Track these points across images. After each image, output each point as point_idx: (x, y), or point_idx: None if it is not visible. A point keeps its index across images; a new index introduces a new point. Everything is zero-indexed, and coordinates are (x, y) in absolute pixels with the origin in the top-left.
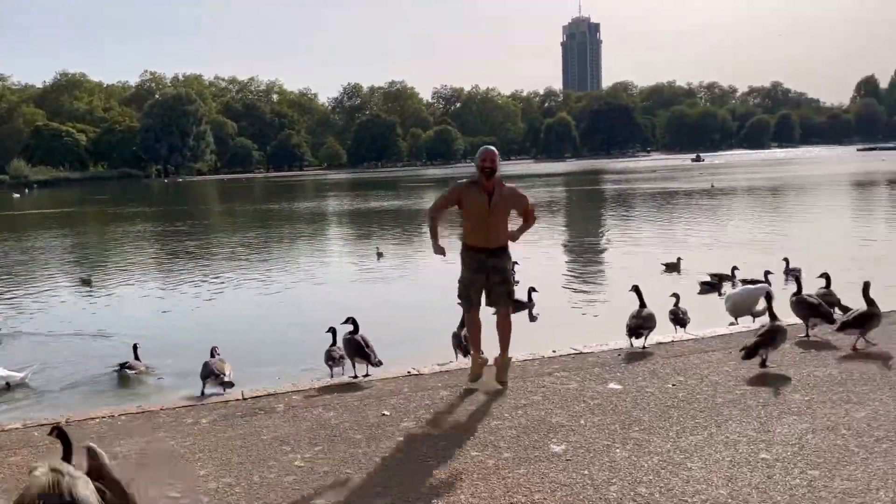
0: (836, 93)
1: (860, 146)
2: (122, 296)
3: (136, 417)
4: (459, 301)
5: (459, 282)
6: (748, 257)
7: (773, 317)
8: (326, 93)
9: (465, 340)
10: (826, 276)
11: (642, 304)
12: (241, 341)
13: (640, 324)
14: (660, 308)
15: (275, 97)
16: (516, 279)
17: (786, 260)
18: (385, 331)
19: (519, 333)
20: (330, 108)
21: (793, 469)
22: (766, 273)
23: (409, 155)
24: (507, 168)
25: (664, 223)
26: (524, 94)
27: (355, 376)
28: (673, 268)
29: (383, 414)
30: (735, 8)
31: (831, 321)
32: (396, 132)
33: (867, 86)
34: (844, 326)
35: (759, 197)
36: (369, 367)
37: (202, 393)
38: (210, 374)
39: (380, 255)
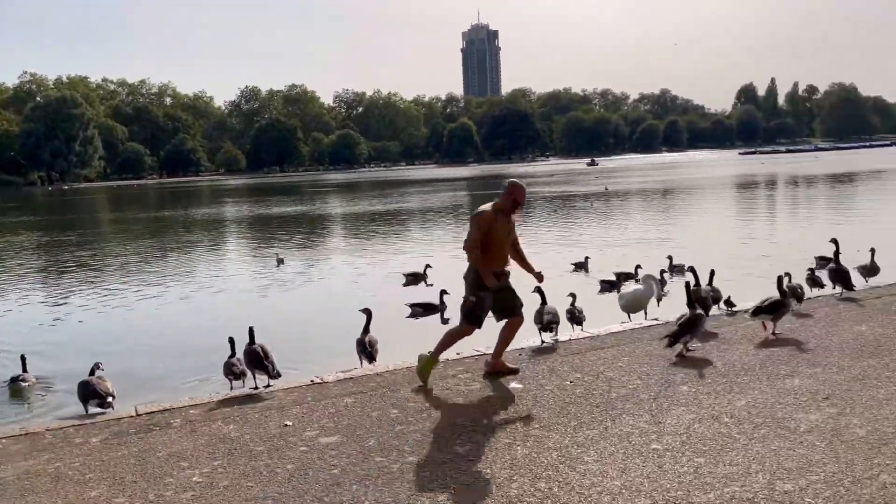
0: (719, 100)
1: (742, 150)
2: (6, 309)
3: (19, 440)
4: (464, 319)
5: (473, 303)
6: (649, 255)
7: (691, 306)
8: (223, 96)
9: (370, 346)
10: (711, 273)
11: (544, 302)
12: (135, 354)
13: (552, 319)
14: (560, 307)
15: (168, 100)
16: (429, 282)
17: (669, 258)
18: (287, 339)
19: (428, 336)
20: (227, 111)
21: (681, 458)
22: (662, 272)
23: (311, 159)
24: (412, 173)
25: (565, 225)
26: (426, 99)
27: (256, 387)
28: (581, 266)
29: (285, 424)
30: (626, 18)
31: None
32: (297, 136)
33: (746, 93)
34: (758, 312)
35: (652, 198)
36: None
37: (86, 412)
38: (91, 394)
39: (280, 261)
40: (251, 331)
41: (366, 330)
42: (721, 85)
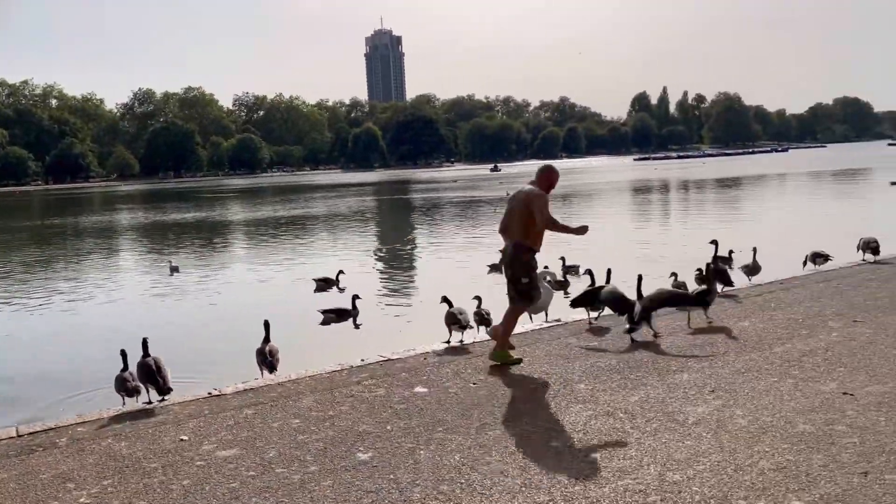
0: (615, 107)
1: (636, 156)
2: None
3: None
4: (522, 300)
5: (530, 282)
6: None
7: (640, 295)
8: (114, 98)
9: (271, 356)
10: (608, 272)
11: (450, 304)
12: (16, 370)
13: (465, 320)
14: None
15: (53, 102)
16: (341, 287)
17: (562, 259)
18: (184, 351)
19: (342, 342)
20: (119, 114)
21: (578, 453)
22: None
23: (210, 164)
24: (317, 178)
25: (473, 229)
26: (330, 103)
27: (150, 402)
28: (496, 268)
29: (181, 439)
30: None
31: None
32: (195, 141)
33: (640, 101)
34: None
35: (554, 203)
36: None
37: None
38: None
39: (174, 269)
40: (145, 342)
41: (266, 339)
42: (616, 93)
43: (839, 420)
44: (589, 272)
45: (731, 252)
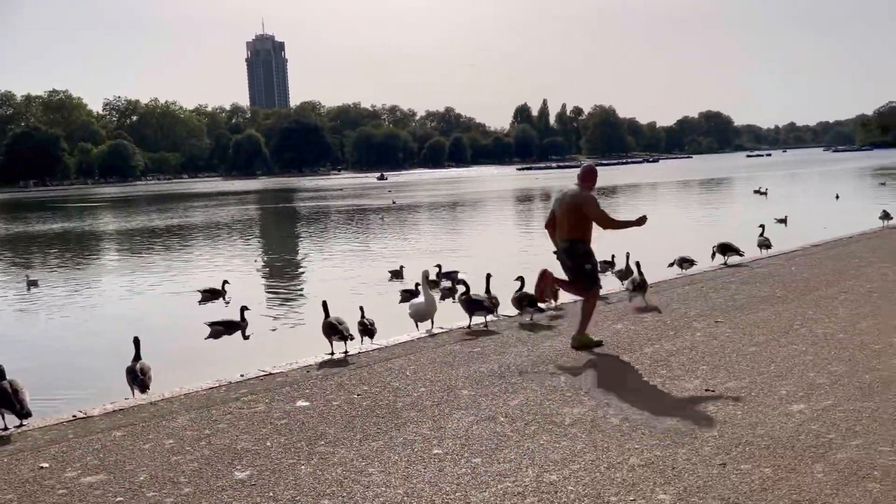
0: (499, 119)
1: (519, 166)
2: None
3: None
4: (592, 283)
5: (593, 268)
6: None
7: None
8: None
9: (142, 374)
10: (487, 278)
11: (327, 313)
12: None
13: (349, 328)
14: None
15: None
16: (227, 298)
17: (438, 266)
18: (46, 371)
19: (227, 354)
20: None
21: (460, 459)
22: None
23: (78, 172)
24: (196, 186)
25: (361, 237)
26: (209, 108)
27: (6, 428)
28: (397, 275)
29: (41, 467)
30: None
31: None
32: (61, 147)
33: (522, 113)
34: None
35: (439, 210)
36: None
37: None
38: None
39: (32, 283)
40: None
41: (136, 357)
42: (500, 104)
43: (701, 415)
44: (463, 282)
45: (613, 256)
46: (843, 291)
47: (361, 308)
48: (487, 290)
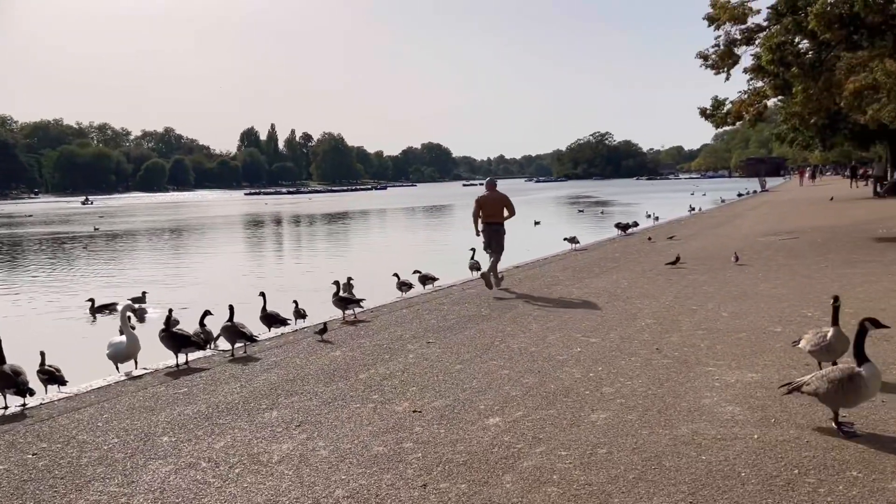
0: (225, 142)
1: (247, 191)
2: None
3: None
4: (501, 252)
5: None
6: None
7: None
8: None
9: None
10: (203, 314)
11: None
12: None
13: (26, 379)
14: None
15: None
16: None
17: (144, 294)
18: None
19: None
20: None
21: None
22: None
23: None
24: None
25: (70, 266)
26: None
27: None
28: (139, 301)
29: None
30: (118, 50)
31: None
32: None
33: (249, 136)
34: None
35: (158, 238)
36: None
37: None
38: None
39: None
40: None
41: None
42: (225, 127)
43: (408, 437)
44: (169, 318)
45: (349, 279)
46: (537, 308)
47: (42, 353)
48: (202, 324)
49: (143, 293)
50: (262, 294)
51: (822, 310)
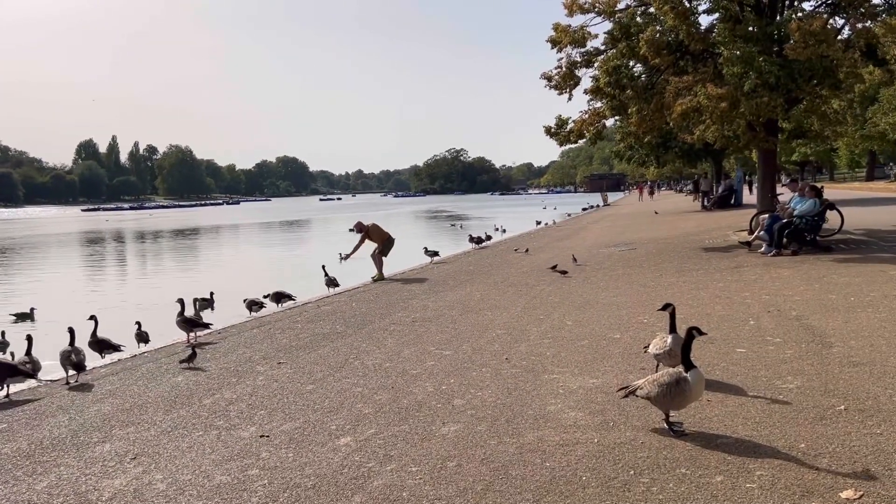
0: (58, 154)
1: (85, 207)
2: None
3: None
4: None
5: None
6: None
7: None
8: None
9: None
10: (28, 340)
11: None
12: None
13: None
14: None
15: None
16: None
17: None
18: None
19: None
20: None
21: None
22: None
23: None
24: None
25: None
26: None
27: None
28: (26, 317)
29: None
30: None
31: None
32: None
33: (87, 149)
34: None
35: None
36: None
37: None
38: None
39: None
40: None
41: None
42: (59, 138)
43: (254, 464)
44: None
45: (212, 293)
46: (393, 323)
47: None
48: (28, 353)
49: (32, 309)
50: (94, 317)
51: (656, 316)
